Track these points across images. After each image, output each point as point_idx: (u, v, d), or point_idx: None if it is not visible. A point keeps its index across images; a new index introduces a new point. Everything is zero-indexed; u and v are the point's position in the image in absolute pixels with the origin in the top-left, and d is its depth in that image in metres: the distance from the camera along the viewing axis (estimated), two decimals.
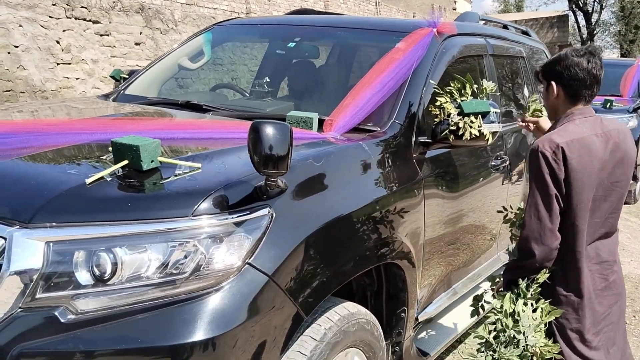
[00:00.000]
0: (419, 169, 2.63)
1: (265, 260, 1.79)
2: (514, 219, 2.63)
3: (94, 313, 1.62)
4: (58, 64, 7.98)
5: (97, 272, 1.64)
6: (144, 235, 1.68)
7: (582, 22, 33.08)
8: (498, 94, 2.80)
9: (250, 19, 4.40)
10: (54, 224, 1.65)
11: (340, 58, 3.43)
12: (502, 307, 2.23)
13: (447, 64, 3.05)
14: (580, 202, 2.20)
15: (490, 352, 2.23)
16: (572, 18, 33.03)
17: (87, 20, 8.31)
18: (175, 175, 1.85)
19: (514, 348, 2.17)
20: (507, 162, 3.57)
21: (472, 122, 2.63)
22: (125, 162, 1.82)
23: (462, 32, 3.32)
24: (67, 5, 7.92)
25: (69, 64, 8.07)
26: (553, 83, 2.34)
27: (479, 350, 2.32)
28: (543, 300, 2.26)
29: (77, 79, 8.23)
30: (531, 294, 2.24)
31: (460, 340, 3.86)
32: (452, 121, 2.63)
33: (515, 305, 2.21)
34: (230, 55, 4.23)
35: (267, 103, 3.17)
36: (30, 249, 1.61)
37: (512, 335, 2.17)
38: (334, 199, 2.13)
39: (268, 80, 3.37)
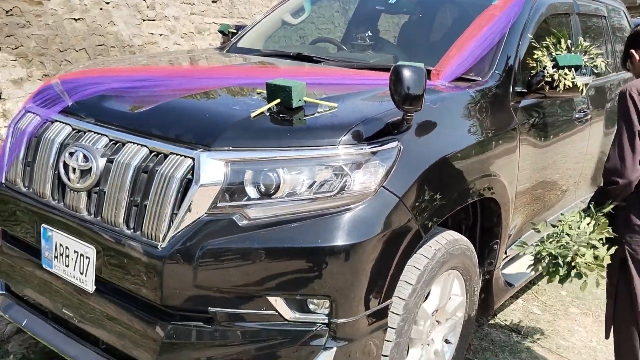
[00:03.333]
0: (515, 116, 2.90)
1: (396, 184, 2.13)
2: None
3: (263, 220, 2.00)
4: (144, 20, 8.42)
5: (263, 188, 2.02)
6: (301, 159, 2.04)
7: None
8: (594, 51, 3.02)
9: None
10: (231, 147, 2.03)
11: (436, 14, 3.67)
12: (566, 218, 2.54)
13: (540, 20, 3.27)
14: None
15: (539, 244, 2.56)
16: None
17: None
18: (318, 112, 2.20)
19: (561, 249, 2.47)
20: (589, 116, 3.77)
21: (566, 74, 2.87)
22: (278, 100, 2.17)
23: None
24: None
25: (153, 20, 8.50)
26: (632, 51, 2.64)
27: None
28: (605, 220, 2.50)
29: (160, 35, 8.66)
30: (597, 216, 2.51)
31: (533, 282, 4.16)
32: (547, 73, 2.88)
33: (580, 220, 2.50)
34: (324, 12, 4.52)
35: (369, 55, 3.47)
36: (214, 167, 2.00)
37: (564, 240, 2.48)
38: (447, 137, 2.45)
39: (370, 34, 3.66)
